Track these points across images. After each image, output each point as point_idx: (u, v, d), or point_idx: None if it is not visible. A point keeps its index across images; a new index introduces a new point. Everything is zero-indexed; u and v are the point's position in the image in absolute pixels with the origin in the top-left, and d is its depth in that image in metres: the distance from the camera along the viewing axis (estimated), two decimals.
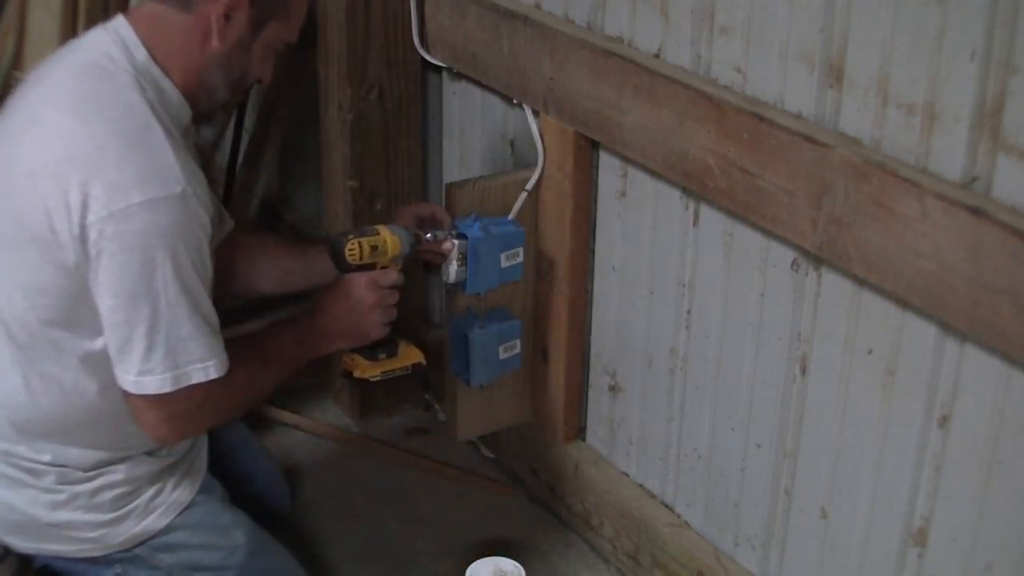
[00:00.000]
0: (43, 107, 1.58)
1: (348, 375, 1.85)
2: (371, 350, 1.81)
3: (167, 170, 1.52)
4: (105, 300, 1.52)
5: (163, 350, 1.54)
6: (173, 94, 1.60)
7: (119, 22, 1.60)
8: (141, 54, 1.58)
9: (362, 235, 1.76)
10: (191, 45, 1.59)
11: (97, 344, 1.58)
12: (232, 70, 1.63)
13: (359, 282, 1.75)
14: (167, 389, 1.55)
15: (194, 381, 1.56)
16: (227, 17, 1.58)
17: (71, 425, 1.65)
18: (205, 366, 1.57)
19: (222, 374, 1.58)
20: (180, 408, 1.59)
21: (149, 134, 1.53)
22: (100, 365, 1.59)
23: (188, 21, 1.58)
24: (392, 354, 1.84)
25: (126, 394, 1.58)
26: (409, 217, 1.88)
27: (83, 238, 1.49)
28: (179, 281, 1.52)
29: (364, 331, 1.77)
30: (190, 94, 1.62)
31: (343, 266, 1.76)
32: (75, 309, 1.56)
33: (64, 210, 1.49)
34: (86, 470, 1.68)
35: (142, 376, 1.55)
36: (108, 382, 1.59)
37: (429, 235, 1.86)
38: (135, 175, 1.49)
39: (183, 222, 1.52)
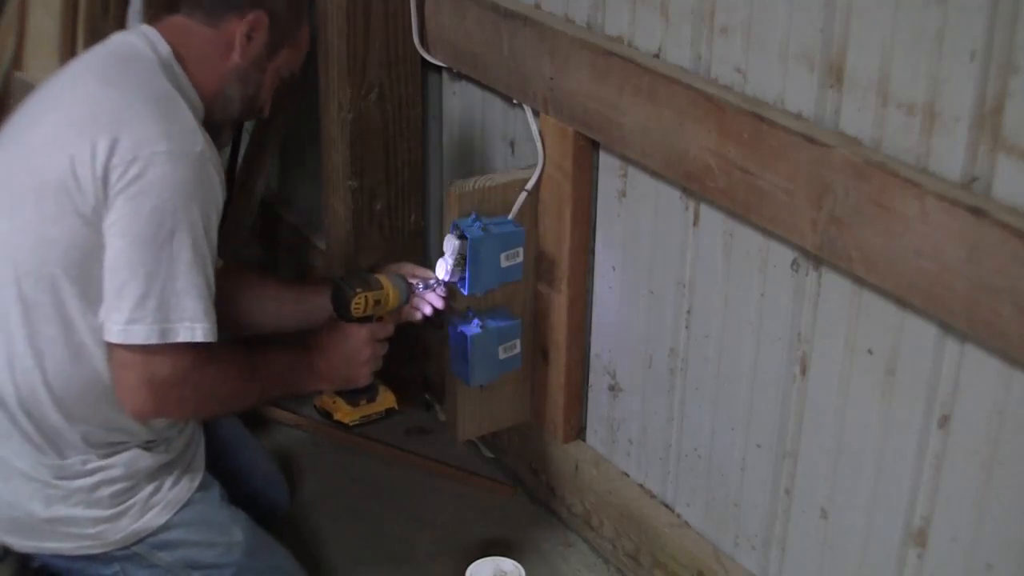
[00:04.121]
0: (70, 84, 1.67)
1: (327, 416, 1.91)
2: (353, 395, 1.90)
3: (190, 132, 1.60)
4: (113, 242, 1.56)
5: (157, 300, 1.56)
6: (192, 92, 1.69)
7: (144, 27, 1.71)
8: (165, 49, 1.67)
9: (368, 288, 1.83)
10: (213, 55, 1.71)
11: (101, 315, 1.60)
12: (248, 85, 1.74)
13: (359, 334, 1.84)
14: (153, 340, 1.57)
15: (181, 339, 1.58)
16: (249, 37, 1.70)
17: (73, 395, 1.66)
18: (193, 327, 1.59)
19: (209, 339, 1.61)
20: (163, 373, 1.60)
21: (174, 103, 1.63)
22: (103, 334, 1.61)
23: (212, 34, 1.70)
24: (372, 399, 1.95)
25: (111, 350, 1.60)
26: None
27: (105, 179, 1.55)
28: (185, 235, 1.57)
29: (353, 378, 1.87)
30: (207, 101, 1.71)
31: (346, 316, 1.83)
32: (86, 265, 1.58)
33: (90, 154, 1.55)
34: (81, 451, 1.68)
35: (131, 324, 1.57)
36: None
37: (421, 286, 1.94)
38: (160, 130, 1.57)
39: (200, 181, 1.58)
